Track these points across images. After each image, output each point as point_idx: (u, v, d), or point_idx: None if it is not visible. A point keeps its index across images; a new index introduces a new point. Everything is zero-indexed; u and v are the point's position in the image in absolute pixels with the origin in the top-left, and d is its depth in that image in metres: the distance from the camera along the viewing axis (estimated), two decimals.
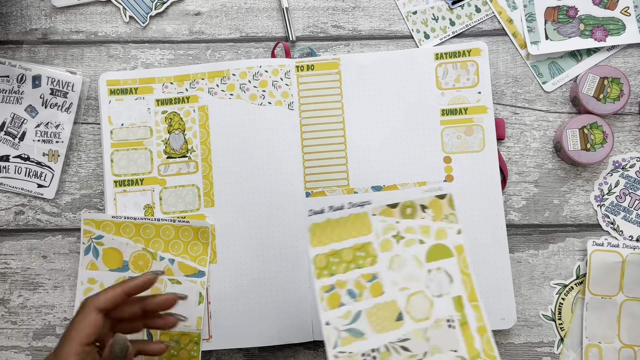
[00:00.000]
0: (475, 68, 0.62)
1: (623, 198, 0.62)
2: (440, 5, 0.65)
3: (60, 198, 0.64)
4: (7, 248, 0.64)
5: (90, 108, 0.65)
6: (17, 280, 0.64)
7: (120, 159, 0.63)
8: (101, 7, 0.66)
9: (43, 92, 0.64)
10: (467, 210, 0.61)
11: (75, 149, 0.65)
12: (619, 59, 0.64)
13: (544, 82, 0.64)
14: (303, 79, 0.63)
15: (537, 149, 0.64)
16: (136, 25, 0.66)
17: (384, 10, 0.65)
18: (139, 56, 0.65)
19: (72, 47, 0.66)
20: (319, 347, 0.62)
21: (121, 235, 0.61)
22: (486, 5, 0.64)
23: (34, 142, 0.64)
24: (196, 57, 0.65)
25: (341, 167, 0.62)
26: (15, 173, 0.64)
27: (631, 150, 0.63)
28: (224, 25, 0.66)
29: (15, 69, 0.64)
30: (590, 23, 0.63)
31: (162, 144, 0.63)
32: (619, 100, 0.61)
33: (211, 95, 0.63)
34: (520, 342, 0.62)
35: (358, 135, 0.62)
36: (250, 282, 0.61)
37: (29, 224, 0.64)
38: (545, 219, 0.63)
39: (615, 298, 0.61)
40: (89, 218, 0.61)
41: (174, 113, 0.63)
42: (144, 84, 0.63)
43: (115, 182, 0.63)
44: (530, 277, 0.63)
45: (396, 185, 0.62)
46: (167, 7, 0.65)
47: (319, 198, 0.62)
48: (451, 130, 0.62)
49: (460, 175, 0.62)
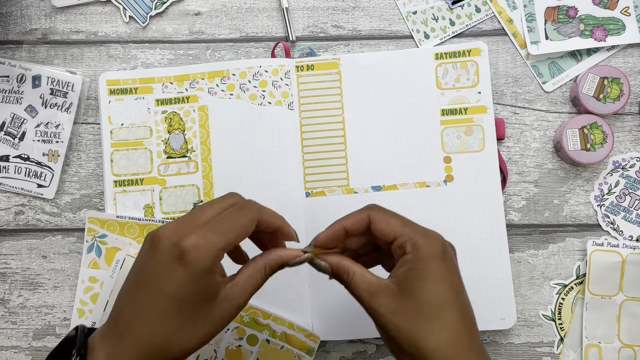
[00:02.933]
0: (475, 68, 0.62)
1: (623, 198, 0.62)
2: (440, 5, 0.65)
3: (60, 198, 0.64)
4: (7, 248, 0.64)
5: (90, 108, 0.65)
6: (17, 280, 0.64)
7: (120, 159, 0.63)
8: (101, 7, 0.66)
9: (43, 92, 0.64)
10: (467, 210, 0.61)
11: (75, 149, 0.65)
12: (619, 59, 0.64)
13: (544, 82, 0.64)
14: (303, 79, 0.63)
15: (537, 149, 0.64)
16: (136, 25, 0.66)
17: (384, 10, 0.65)
18: (139, 56, 0.65)
19: (72, 47, 0.66)
20: (320, 347, 0.62)
21: (125, 235, 0.61)
22: (486, 5, 0.64)
23: (33, 142, 0.64)
24: (196, 57, 0.65)
25: (341, 167, 0.62)
26: (15, 173, 0.64)
27: (631, 150, 0.63)
28: (224, 25, 0.66)
29: (15, 69, 0.64)
30: (590, 23, 0.63)
31: (162, 144, 0.63)
32: (619, 100, 0.61)
33: (211, 95, 0.63)
34: (520, 342, 0.62)
35: (358, 135, 0.62)
36: None
37: (29, 224, 0.64)
38: (545, 219, 0.63)
39: (615, 298, 0.61)
40: (94, 217, 0.61)
41: (174, 113, 0.63)
42: (143, 84, 0.63)
43: (115, 182, 0.63)
44: (530, 277, 0.63)
45: (396, 186, 0.62)
46: (167, 7, 0.65)
47: (319, 198, 0.62)
48: (451, 130, 0.62)
49: (460, 175, 0.62)
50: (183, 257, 0.39)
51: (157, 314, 0.40)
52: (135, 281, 0.42)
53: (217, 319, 0.41)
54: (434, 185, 0.62)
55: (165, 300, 0.40)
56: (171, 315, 0.40)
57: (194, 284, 0.39)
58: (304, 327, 0.60)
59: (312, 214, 0.62)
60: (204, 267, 0.40)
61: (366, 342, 0.63)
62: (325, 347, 0.63)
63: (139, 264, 0.42)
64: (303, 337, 0.60)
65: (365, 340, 0.63)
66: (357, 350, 0.63)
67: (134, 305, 0.41)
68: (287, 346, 0.60)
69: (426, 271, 0.42)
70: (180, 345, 0.40)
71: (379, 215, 0.45)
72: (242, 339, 0.60)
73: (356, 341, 0.63)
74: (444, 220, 0.61)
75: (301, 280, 0.61)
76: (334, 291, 0.61)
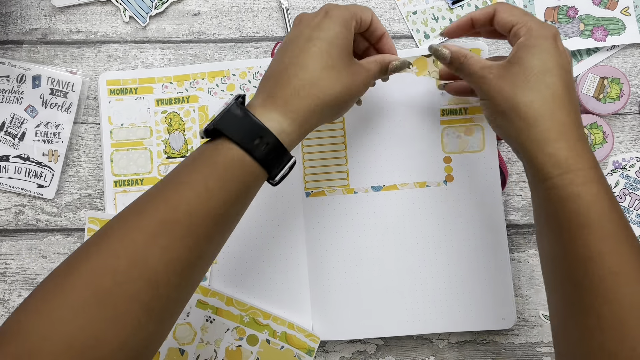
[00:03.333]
0: None
1: (623, 198, 0.62)
2: (440, 5, 0.65)
3: (60, 198, 0.64)
4: (7, 248, 0.64)
5: (90, 108, 0.65)
6: (17, 280, 0.64)
7: (120, 159, 0.63)
8: (101, 7, 0.66)
9: (43, 92, 0.64)
10: (467, 210, 0.61)
11: (75, 149, 0.65)
12: (619, 59, 0.64)
13: None
14: None
15: None
16: (136, 25, 0.66)
17: (384, 10, 0.65)
18: (139, 56, 0.65)
19: (72, 47, 0.66)
20: (320, 347, 0.62)
21: None
22: (486, 5, 0.64)
23: (33, 142, 0.64)
24: (196, 57, 0.65)
25: (341, 167, 0.62)
26: (15, 173, 0.64)
27: (631, 150, 0.63)
28: (224, 25, 0.66)
29: (15, 69, 0.64)
30: (590, 23, 0.63)
31: (162, 144, 0.63)
32: (619, 100, 0.61)
33: (211, 95, 0.63)
34: (520, 342, 0.62)
35: (358, 135, 0.62)
36: (250, 282, 0.61)
37: (29, 224, 0.64)
38: None
39: None
40: (94, 217, 0.61)
41: (174, 113, 0.63)
42: (143, 84, 0.63)
43: (115, 182, 0.63)
44: (530, 277, 0.63)
45: (396, 185, 0.62)
46: (167, 7, 0.65)
47: (319, 198, 0.62)
48: (451, 130, 0.62)
49: (460, 175, 0.62)
50: (328, 13, 0.48)
51: (311, 59, 0.47)
52: (285, 48, 0.49)
53: (356, 74, 0.49)
54: (434, 185, 0.62)
55: (320, 49, 0.47)
56: (324, 62, 0.47)
57: (340, 33, 0.48)
58: (304, 327, 0.60)
59: (312, 213, 0.62)
60: (346, 16, 0.48)
61: (366, 342, 0.63)
62: (325, 347, 0.63)
63: (290, 37, 0.49)
64: (303, 337, 0.60)
65: (365, 340, 0.63)
66: (357, 350, 0.63)
67: (299, 59, 0.47)
68: (287, 346, 0.60)
69: (536, 46, 0.47)
70: (331, 88, 0.47)
71: (503, 6, 0.50)
72: (242, 339, 0.60)
73: (356, 341, 0.63)
74: (444, 220, 0.61)
75: (301, 280, 0.61)
76: (334, 291, 0.61)
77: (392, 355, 0.63)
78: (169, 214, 0.40)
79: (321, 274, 0.61)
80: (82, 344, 0.36)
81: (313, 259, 0.61)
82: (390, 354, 0.63)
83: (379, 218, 0.61)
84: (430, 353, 0.63)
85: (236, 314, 0.60)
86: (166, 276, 0.40)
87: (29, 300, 0.39)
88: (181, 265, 0.40)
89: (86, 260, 0.39)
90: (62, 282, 0.38)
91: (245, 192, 0.45)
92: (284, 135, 0.45)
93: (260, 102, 0.46)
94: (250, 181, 0.45)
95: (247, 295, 0.61)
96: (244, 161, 0.44)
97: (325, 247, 0.61)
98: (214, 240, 0.43)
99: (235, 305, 0.60)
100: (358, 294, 0.61)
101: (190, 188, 0.42)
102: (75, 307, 0.37)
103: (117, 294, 0.38)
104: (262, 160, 0.44)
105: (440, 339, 0.63)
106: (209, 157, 0.44)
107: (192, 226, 0.41)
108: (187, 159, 0.45)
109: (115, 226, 0.41)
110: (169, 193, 0.42)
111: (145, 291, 0.39)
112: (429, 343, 0.63)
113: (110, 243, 0.39)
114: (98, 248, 0.39)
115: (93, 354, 0.37)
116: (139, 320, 0.39)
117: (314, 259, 0.61)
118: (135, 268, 0.38)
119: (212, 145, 0.45)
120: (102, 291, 0.38)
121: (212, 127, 0.45)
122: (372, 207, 0.61)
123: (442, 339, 0.63)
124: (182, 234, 0.40)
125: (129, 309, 0.38)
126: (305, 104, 0.46)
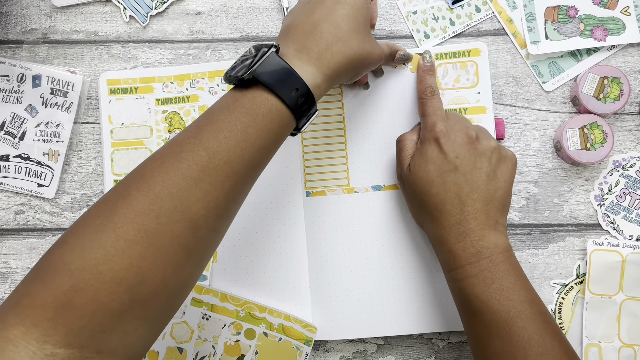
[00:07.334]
0: (475, 69, 0.62)
1: (623, 197, 0.63)
2: (440, 5, 0.65)
3: (60, 198, 0.64)
4: (7, 248, 0.64)
5: (90, 107, 0.65)
6: (17, 280, 0.64)
7: (121, 158, 0.63)
8: (101, 6, 0.66)
9: (43, 92, 0.64)
10: None
11: (75, 149, 0.65)
12: (619, 59, 0.64)
13: (544, 81, 0.64)
14: None
15: (537, 149, 0.64)
16: (136, 25, 0.66)
17: (384, 10, 0.65)
18: (139, 56, 0.65)
19: (72, 47, 0.66)
20: (320, 346, 0.62)
21: None
22: (486, 5, 0.64)
23: (34, 141, 0.64)
24: (196, 57, 0.65)
25: (341, 166, 0.62)
26: (15, 173, 0.64)
27: (631, 149, 0.63)
28: (224, 25, 0.66)
29: (15, 69, 0.64)
30: (590, 23, 0.63)
31: (162, 143, 0.63)
32: (619, 100, 0.61)
33: (212, 95, 0.63)
34: None
35: (358, 135, 0.62)
36: (251, 282, 0.61)
37: (29, 223, 0.64)
38: (545, 219, 0.63)
39: (615, 297, 0.61)
40: None
41: (175, 112, 0.63)
42: (144, 84, 0.63)
43: (116, 181, 0.63)
44: (530, 276, 0.63)
45: (396, 185, 0.62)
46: (168, 6, 0.65)
47: (319, 197, 0.62)
48: None
49: None
50: None
51: (342, 21, 0.50)
52: (313, 5, 0.51)
53: (374, 45, 0.53)
54: None
55: (348, 12, 0.50)
56: (352, 25, 0.50)
57: (364, 2, 0.51)
58: (301, 318, 0.60)
59: (312, 213, 0.62)
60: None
61: (366, 341, 0.63)
62: (326, 346, 0.63)
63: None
64: (300, 328, 0.60)
65: (365, 340, 0.63)
66: (357, 350, 0.63)
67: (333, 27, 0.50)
68: (285, 338, 0.60)
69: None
70: (360, 47, 0.51)
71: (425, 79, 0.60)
72: (240, 334, 0.60)
73: (356, 341, 0.63)
74: None
75: (302, 280, 0.61)
76: (334, 290, 0.61)
77: (393, 355, 0.63)
78: (210, 160, 0.42)
79: (322, 273, 0.61)
80: (129, 282, 0.38)
81: (313, 258, 0.61)
82: (390, 353, 0.63)
83: (379, 217, 0.61)
84: (430, 352, 0.63)
85: (232, 309, 0.60)
86: (205, 220, 0.41)
87: (68, 237, 0.40)
88: (219, 209, 0.42)
89: (129, 201, 0.40)
90: (105, 222, 0.39)
91: (277, 141, 0.47)
92: (316, 88, 0.48)
93: (294, 53, 0.48)
94: (283, 131, 0.47)
95: (248, 295, 0.61)
96: (281, 112, 0.46)
97: (325, 246, 0.61)
98: (247, 185, 0.46)
99: (230, 301, 0.60)
100: (358, 294, 0.61)
101: (231, 136, 0.43)
102: (122, 245, 0.38)
103: (161, 235, 0.39)
104: (296, 111, 0.47)
105: (441, 338, 0.63)
106: (247, 106, 0.45)
107: (230, 172, 0.43)
108: (221, 104, 0.46)
109: (155, 168, 0.42)
110: (208, 139, 0.43)
111: (187, 233, 0.40)
112: (430, 343, 0.63)
113: (151, 185, 0.40)
114: (138, 189, 0.40)
115: (139, 291, 0.38)
116: (179, 261, 0.40)
117: (314, 258, 0.61)
118: (178, 211, 0.40)
119: (249, 94, 0.45)
120: (147, 231, 0.39)
121: (251, 76, 0.45)
122: (372, 207, 0.61)
123: (443, 339, 0.63)
124: (221, 179, 0.42)
125: (171, 250, 0.40)
126: (335, 60, 0.48)
